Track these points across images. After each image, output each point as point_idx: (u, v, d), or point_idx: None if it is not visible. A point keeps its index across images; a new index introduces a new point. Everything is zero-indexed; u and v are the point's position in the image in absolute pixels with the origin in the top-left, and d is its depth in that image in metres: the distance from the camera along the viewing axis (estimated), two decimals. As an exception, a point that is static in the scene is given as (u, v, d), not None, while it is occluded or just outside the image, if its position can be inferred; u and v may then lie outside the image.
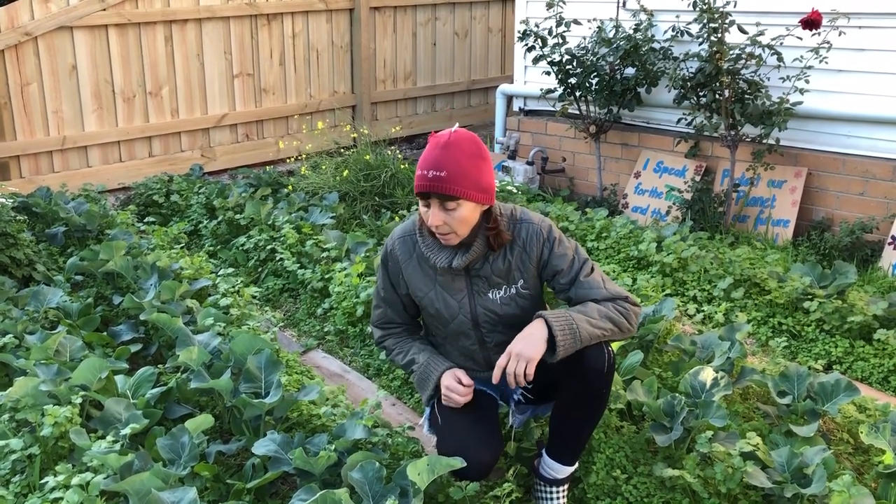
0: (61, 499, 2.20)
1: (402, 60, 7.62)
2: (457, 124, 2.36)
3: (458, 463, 2.18)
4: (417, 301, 2.49)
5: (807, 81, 4.63)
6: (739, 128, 4.87)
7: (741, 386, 3.06)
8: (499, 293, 2.38)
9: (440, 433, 2.40)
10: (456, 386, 2.33)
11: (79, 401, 2.69)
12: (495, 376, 2.21)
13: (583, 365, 2.26)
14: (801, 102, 4.70)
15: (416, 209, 4.99)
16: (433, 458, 2.20)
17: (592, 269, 2.36)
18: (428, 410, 2.55)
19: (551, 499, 2.48)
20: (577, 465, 2.48)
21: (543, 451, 2.48)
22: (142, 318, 3.43)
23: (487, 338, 2.44)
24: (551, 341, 2.17)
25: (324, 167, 5.70)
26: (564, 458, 2.43)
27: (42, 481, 2.36)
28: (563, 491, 2.48)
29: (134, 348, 3.38)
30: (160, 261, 4.01)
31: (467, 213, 2.24)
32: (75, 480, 2.24)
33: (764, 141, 4.83)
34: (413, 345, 2.52)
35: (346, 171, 5.41)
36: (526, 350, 2.16)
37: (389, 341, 2.59)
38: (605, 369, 2.26)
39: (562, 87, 5.64)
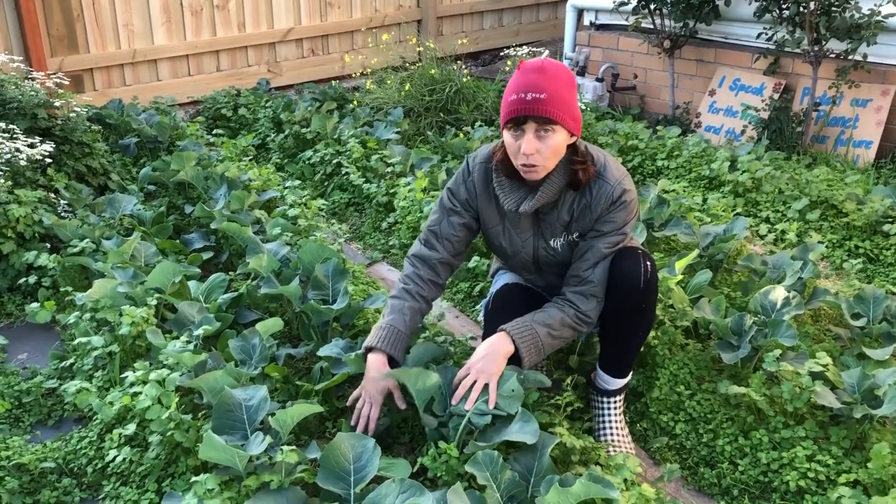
0: (140, 392, 2.30)
1: (469, -27, 7.41)
2: (546, 52, 2.26)
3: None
4: (484, 231, 2.46)
5: (901, -8, 4.34)
6: (824, 43, 4.61)
7: (813, 307, 2.99)
8: (559, 241, 2.37)
9: (487, 315, 2.53)
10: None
11: (154, 303, 2.79)
12: (457, 396, 2.20)
13: (620, 280, 2.27)
14: (893, 14, 4.41)
15: (480, 125, 4.99)
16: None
17: (616, 245, 2.30)
18: (485, 300, 2.64)
19: (605, 409, 2.51)
20: (629, 377, 2.50)
21: (597, 364, 2.51)
22: (212, 226, 3.51)
23: (546, 270, 2.48)
24: (517, 354, 2.24)
25: (388, 82, 5.65)
26: (614, 370, 2.46)
27: (122, 376, 2.47)
28: (617, 402, 2.50)
29: (205, 256, 3.47)
30: (229, 171, 4.07)
31: (560, 142, 2.16)
32: (153, 376, 2.33)
33: (850, 57, 4.58)
34: (405, 303, 2.39)
35: (409, 86, 5.35)
36: (486, 367, 2.21)
37: (409, 270, 2.45)
38: (641, 284, 2.26)
39: (636, 0, 5.42)
